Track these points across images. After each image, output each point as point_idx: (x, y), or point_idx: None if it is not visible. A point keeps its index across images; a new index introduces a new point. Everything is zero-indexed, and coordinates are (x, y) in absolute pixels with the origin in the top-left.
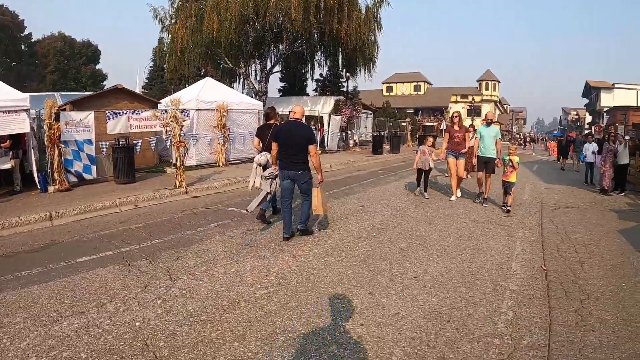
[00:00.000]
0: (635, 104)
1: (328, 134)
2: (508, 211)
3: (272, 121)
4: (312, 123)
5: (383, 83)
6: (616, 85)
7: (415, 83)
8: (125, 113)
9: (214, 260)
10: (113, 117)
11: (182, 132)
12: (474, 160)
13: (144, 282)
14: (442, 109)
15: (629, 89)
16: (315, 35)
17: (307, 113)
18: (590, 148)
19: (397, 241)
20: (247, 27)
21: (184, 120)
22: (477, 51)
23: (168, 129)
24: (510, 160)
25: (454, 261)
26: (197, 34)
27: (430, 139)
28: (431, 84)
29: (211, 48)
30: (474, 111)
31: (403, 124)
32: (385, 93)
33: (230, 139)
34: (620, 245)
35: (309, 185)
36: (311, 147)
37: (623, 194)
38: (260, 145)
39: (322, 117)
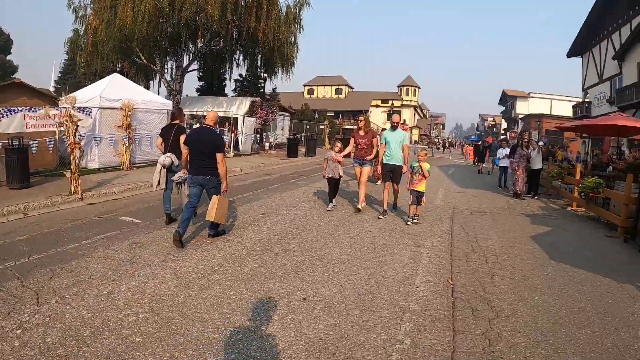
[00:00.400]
0: (549, 113)
1: (242, 136)
2: (415, 223)
3: (176, 122)
4: (227, 125)
5: (305, 85)
6: (531, 95)
7: (337, 86)
8: (21, 110)
9: (89, 280)
10: (7, 115)
11: (78, 132)
12: (379, 169)
13: (8, 308)
14: (363, 112)
15: (543, 98)
16: (234, 34)
17: (221, 114)
18: (503, 152)
19: (292, 254)
20: (162, 22)
21: (80, 120)
22: (399, 58)
23: (62, 129)
24: (419, 167)
25: (351, 277)
26: (111, 27)
27: (339, 145)
28: (352, 88)
29: (126, 42)
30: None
31: (321, 126)
32: (306, 95)
33: (136, 140)
34: (533, 253)
35: (217, 191)
36: (218, 155)
37: (536, 197)
38: (163, 145)
39: (236, 118)
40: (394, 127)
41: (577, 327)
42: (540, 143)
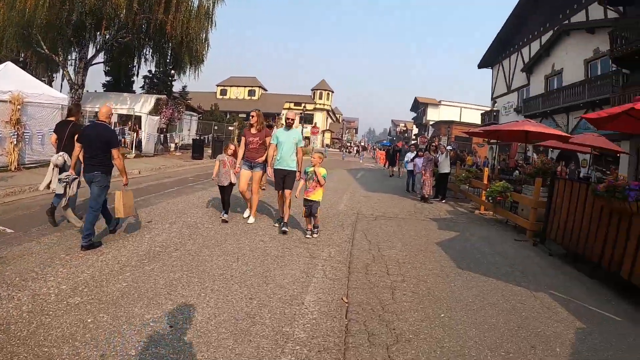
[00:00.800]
0: (458, 120)
1: (144, 135)
2: (312, 235)
3: (72, 118)
4: (129, 124)
5: (218, 86)
6: (442, 102)
7: (250, 88)
8: None
9: None
10: None
11: None
12: (270, 171)
13: None
14: (275, 115)
15: (453, 106)
16: (143, 26)
17: (124, 112)
18: (411, 156)
19: (170, 270)
20: (66, 8)
21: None
22: (314, 61)
23: None
24: (313, 172)
25: (231, 298)
26: (13, 11)
27: (232, 146)
28: (266, 90)
29: (27, 29)
30: (306, 119)
31: (230, 127)
32: (219, 96)
33: (25, 138)
34: (440, 261)
35: (100, 192)
36: (113, 151)
37: (444, 201)
38: (57, 142)
39: (139, 117)
40: (288, 126)
41: (489, 349)
42: (449, 147)
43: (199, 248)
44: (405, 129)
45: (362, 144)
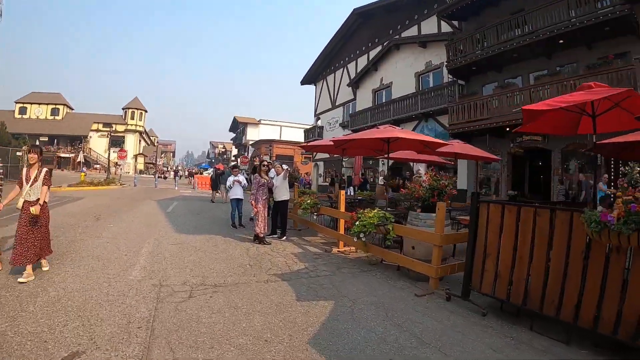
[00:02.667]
0: (279, 138)
1: None
2: None
3: None
4: None
5: (16, 103)
6: (262, 122)
7: (54, 106)
8: None
9: None
10: None
11: None
12: None
13: None
14: (82, 137)
15: (273, 125)
16: None
17: None
18: (232, 179)
19: None
20: None
21: None
22: (128, 79)
23: None
24: None
25: None
26: None
27: None
28: (72, 109)
29: None
30: (117, 142)
31: (18, 153)
32: (17, 115)
33: None
34: None
35: None
36: None
37: (284, 238)
38: None
39: None
40: None
41: None
42: (285, 166)
43: None
44: (224, 150)
45: (180, 168)
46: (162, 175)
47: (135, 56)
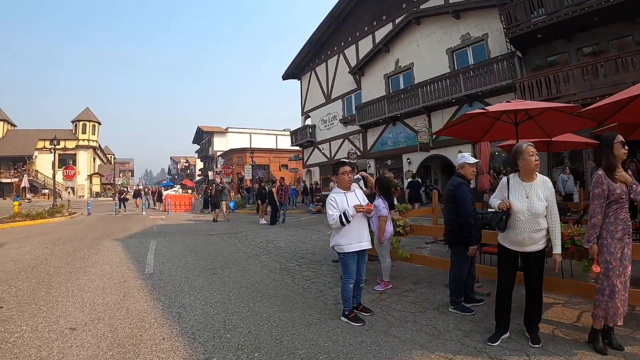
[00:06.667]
0: (249, 146)
1: None
2: None
3: None
4: None
5: None
6: (230, 130)
7: None
8: None
9: None
10: None
11: None
12: None
13: None
14: (26, 158)
15: (243, 132)
16: None
17: None
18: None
19: None
20: None
21: None
22: (78, 94)
23: None
24: None
25: None
26: None
27: None
28: (15, 125)
29: None
30: (64, 161)
31: None
32: None
33: None
34: None
35: None
36: None
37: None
38: None
39: None
40: None
41: None
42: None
43: None
44: (187, 164)
45: (145, 187)
46: (123, 197)
47: (87, 70)
